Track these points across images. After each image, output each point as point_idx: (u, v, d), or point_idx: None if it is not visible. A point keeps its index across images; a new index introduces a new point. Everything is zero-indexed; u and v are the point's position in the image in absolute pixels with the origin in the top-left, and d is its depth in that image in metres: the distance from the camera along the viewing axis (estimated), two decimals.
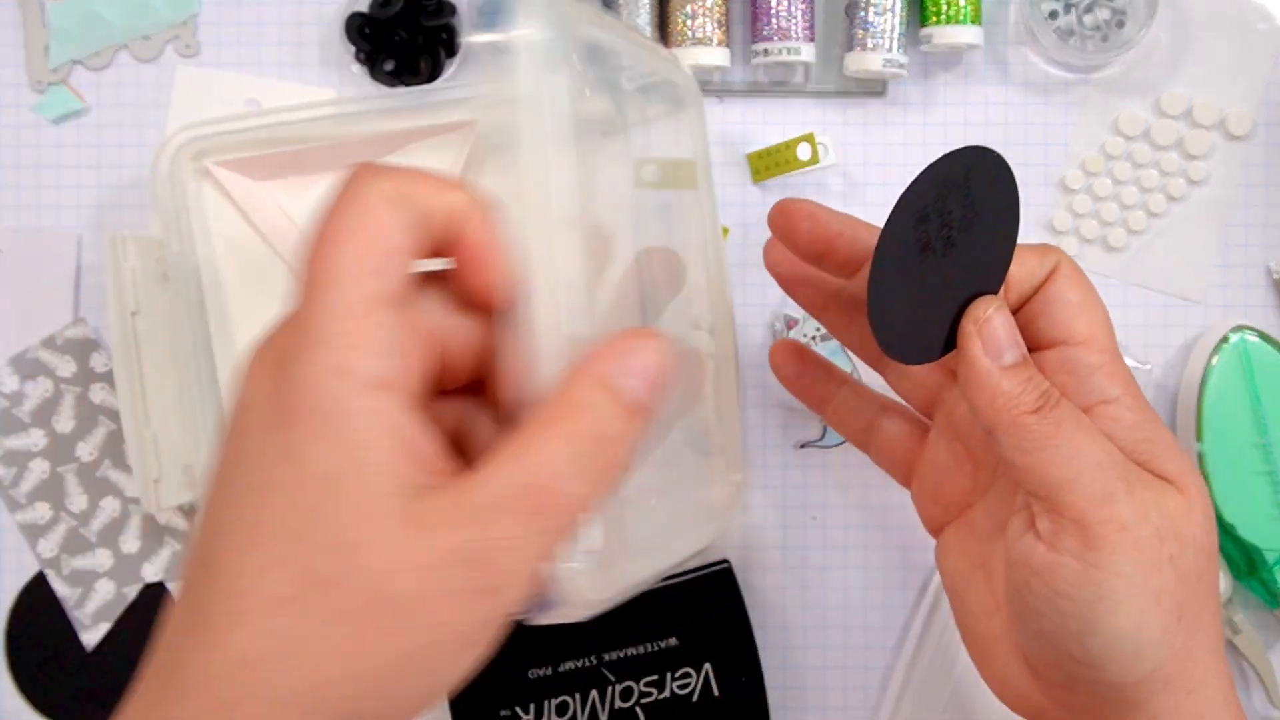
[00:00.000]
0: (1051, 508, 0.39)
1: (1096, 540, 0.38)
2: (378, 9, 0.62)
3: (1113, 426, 0.40)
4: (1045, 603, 0.39)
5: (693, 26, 0.61)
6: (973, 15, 0.62)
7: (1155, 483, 0.40)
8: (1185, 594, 0.39)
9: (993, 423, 0.40)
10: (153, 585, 0.64)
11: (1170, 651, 0.39)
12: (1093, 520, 0.38)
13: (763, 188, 0.64)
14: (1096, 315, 0.42)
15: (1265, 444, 0.61)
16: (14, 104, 0.64)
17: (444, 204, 0.33)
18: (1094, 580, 0.38)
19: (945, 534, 0.46)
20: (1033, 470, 0.39)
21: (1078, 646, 0.39)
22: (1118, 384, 0.41)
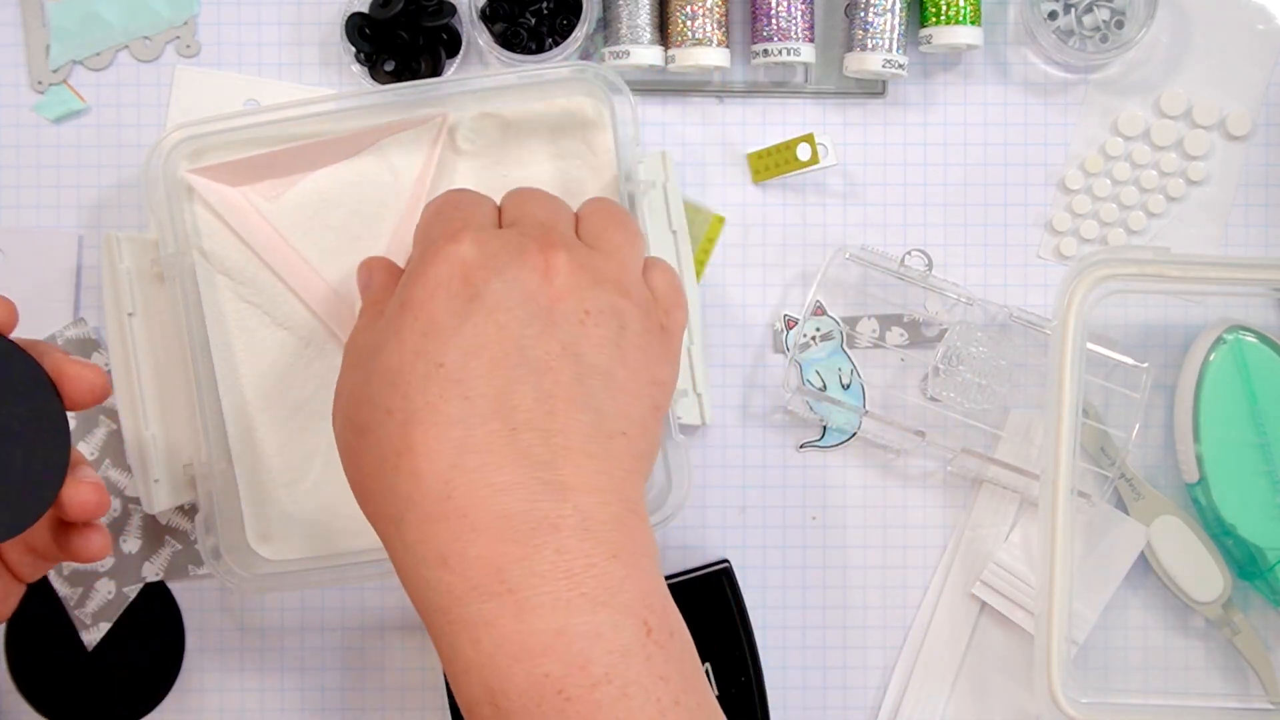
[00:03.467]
0: None
1: None
2: (378, 9, 0.62)
3: None
4: None
5: (693, 26, 0.61)
6: (972, 15, 0.62)
7: None
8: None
9: None
10: (153, 585, 0.64)
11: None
12: None
13: (763, 188, 0.64)
14: None
15: (1263, 443, 0.61)
16: (14, 104, 0.64)
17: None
18: None
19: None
20: None
21: None
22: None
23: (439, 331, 0.43)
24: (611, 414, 0.44)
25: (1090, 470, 0.62)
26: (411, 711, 0.64)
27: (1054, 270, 0.64)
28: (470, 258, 0.44)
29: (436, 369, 0.42)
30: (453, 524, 0.41)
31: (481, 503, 0.41)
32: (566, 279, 0.44)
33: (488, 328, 0.43)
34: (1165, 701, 0.63)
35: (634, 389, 0.45)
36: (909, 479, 0.64)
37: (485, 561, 0.41)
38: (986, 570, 0.63)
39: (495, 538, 0.41)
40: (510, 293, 0.43)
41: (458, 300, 0.43)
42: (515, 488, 0.41)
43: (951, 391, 0.62)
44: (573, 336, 0.44)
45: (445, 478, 0.41)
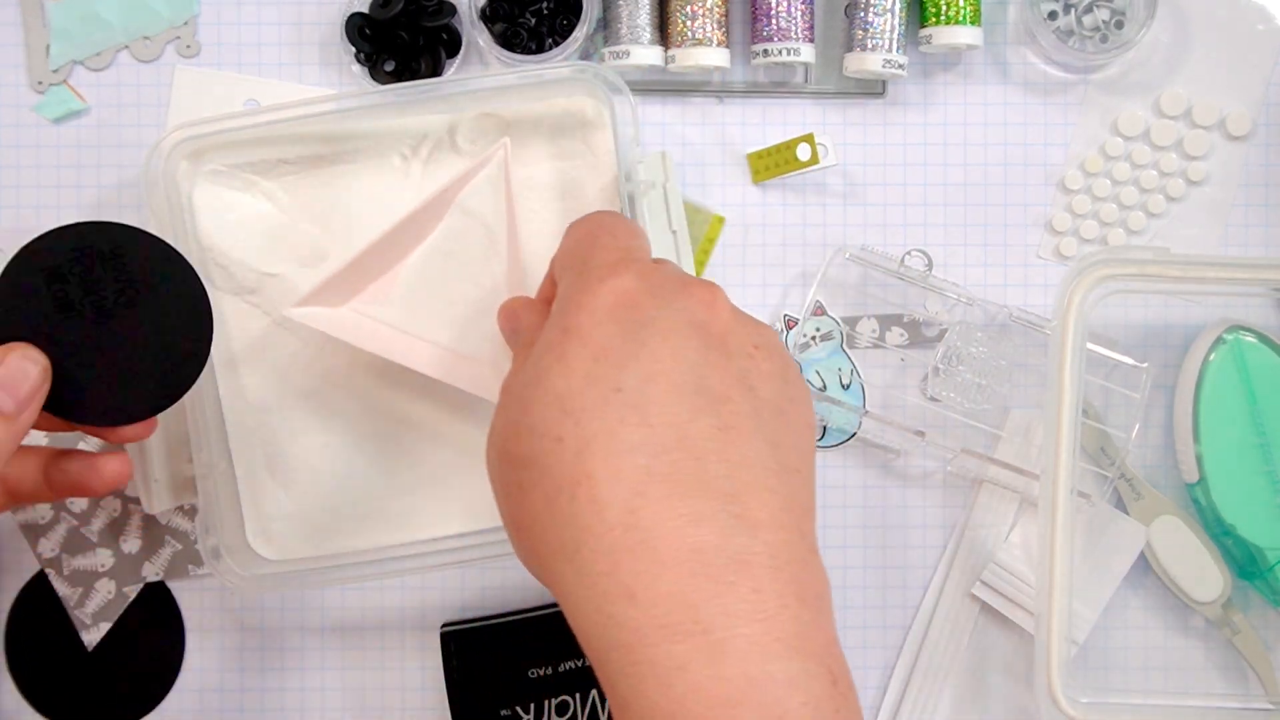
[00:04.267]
0: None
1: None
2: (378, 9, 0.62)
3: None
4: None
5: (693, 27, 0.61)
6: (972, 16, 0.62)
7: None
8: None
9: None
10: (153, 585, 0.64)
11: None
12: None
13: (763, 188, 0.64)
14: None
15: (1263, 444, 0.61)
16: (14, 104, 0.64)
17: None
18: None
19: None
20: None
21: None
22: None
23: (612, 356, 0.40)
24: (786, 449, 0.41)
25: (1090, 470, 0.63)
26: (411, 712, 0.64)
27: (1054, 270, 0.64)
28: (635, 288, 0.42)
29: (614, 393, 0.40)
30: (639, 555, 0.38)
31: (671, 534, 0.38)
32: (731, 314, 0.43)
33: (664, 353, 0.41)
34: (1165, 701, 0.63)
35: (800, 426, 0.43)
36: (909, 479, 0.64)
37: (677, 598, 0.37)
38: (986, 570, 0.63)
39: (687, 572, 0.38)
40: (682, 321, 0.42)
41: (629, 326, 0.41)
42: (706, 519, 0.38)
43: (951, 391, 0.62)
44: (745, 369, 0.42)
45: (630, 506, 0.38)
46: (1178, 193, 0.64)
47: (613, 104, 0.58)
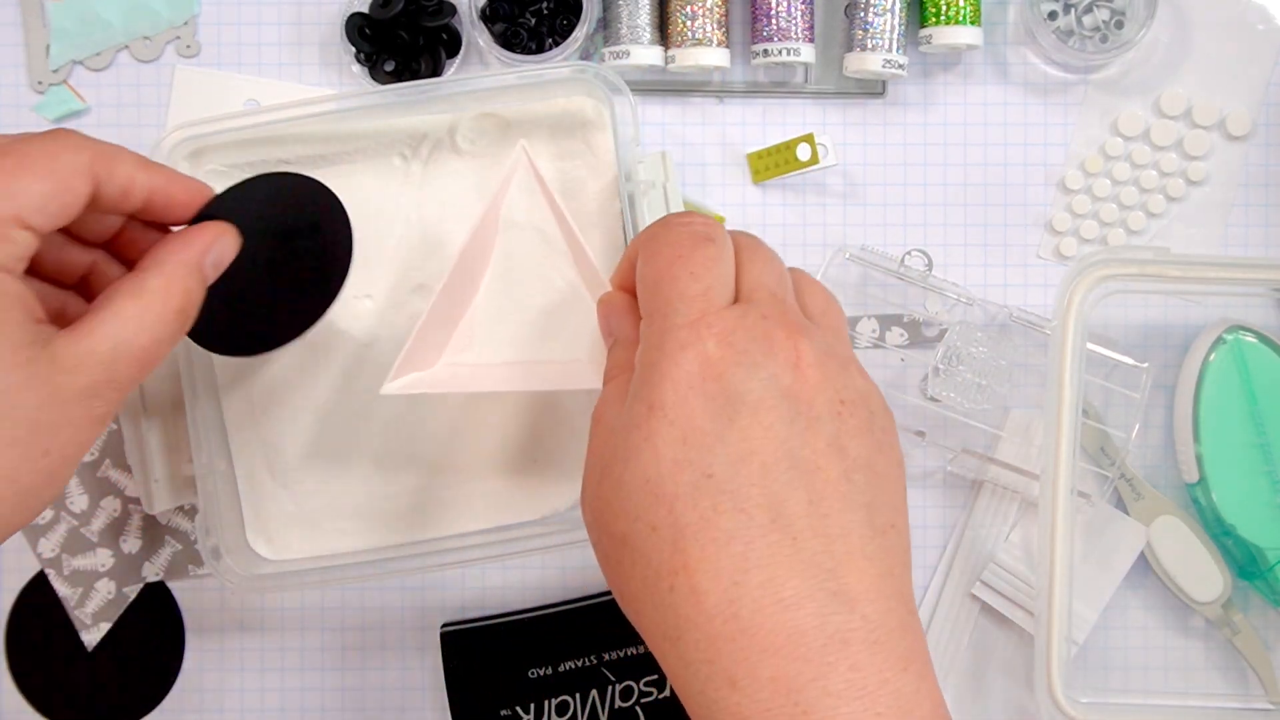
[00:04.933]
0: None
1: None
2: (378, 9, 0.62)
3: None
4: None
5: (693, 27, 0.61)
6: (972, 16, 0.62)
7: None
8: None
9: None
10: (153, 585, 0.64)
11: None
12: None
13: (763, 188, 0.64)
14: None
15: (1263, 443, 0.61)
16: (14, 104, 0.64)
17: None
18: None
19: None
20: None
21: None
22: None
23: (701, 439, 0.40)
24: (879, 507, 0.41)
25: (1090, 470, 0.63)
26: (411, 712, 0.64)
27: (1054, 270, 0.64)
28: (718, 355, 0.41)
29: (705, 480, 0.39)
30: (740, 644, 0.38)
31: (770, 620, 0.38)
32: (817, 370, 0.41)
33: (753, 431, 0.40)
34: (1165, 701, 0.63)
35: (891, 475, 0.42)
36: (909, 479, 0.64)
37: (778, 683, 0.38)
38: (986, 570, 0.63)
39: (786, 656, 0.38)
40: (769, 391, 0.40)
41: (715, 403, 0.40)
42: (804, 601, 0.38)
43: (951, 391, 0.62)
44: (834, 431, 0.41)
45: (729, 596, 0.38)
46: (1178, 193, 0.64)
47: (613, 104, 0.58)
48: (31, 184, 0.42)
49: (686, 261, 0.43)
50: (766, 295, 0.43)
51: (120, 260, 0.50)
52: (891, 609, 0.39)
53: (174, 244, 0.47)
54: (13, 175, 0.42)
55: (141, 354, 0.45)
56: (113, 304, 0.44)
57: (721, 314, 0.42)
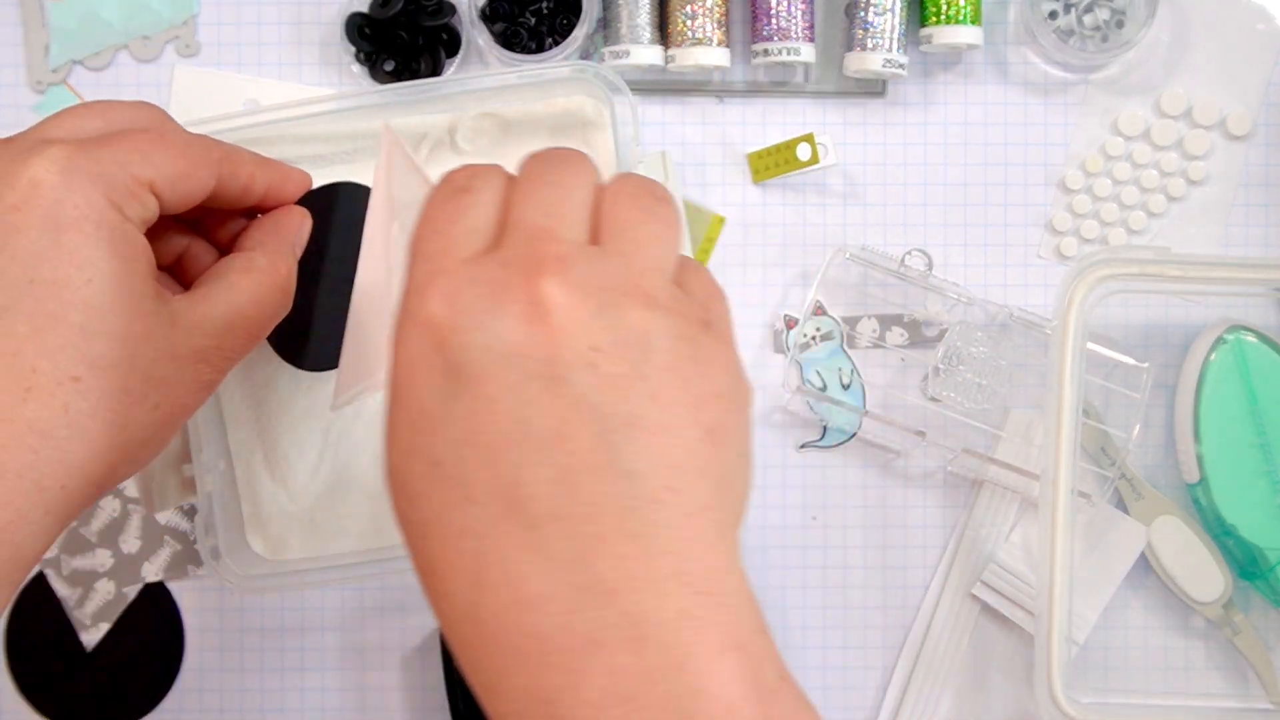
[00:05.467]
0: None
1: None
2: (378, 9, 0.62)
3: None
4: None
5: (693, 26, 0.61)
6: (973, 15, 0.62)
7: None
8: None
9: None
10: (152, 585, 0.64)
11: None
12: None
13: (763, 188, 0.64)
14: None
15: (1264, 443, 0.61)
16: (14, 104, 0.64)
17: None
18: None
19: None
20: None
21: None
22: None
23: (426, 423, 0.35)
24: (648, 471, 0.34)
25: (1090, 470, 0.62)
26: (412, 712, 0.64)
27: (1054, 270, 0.64)
28: (441, 317, 0.35)
29: (433, 469, 0.35)
30: (489, 651, 0.34)
31: (513, 624, 0.34)
32: (564, 313, 0.34)
33: (476, 406, 0.34)
34: (1165, 701, 0.63)
35: (675, 425, 0.35)
36: (909, 479, 0.64)
37: (530, 693, 0.34)
38: (986, 570, 0.63)
39: (536, 664, 0.33)
40: (493, 354, 0.34)
41: (437, 378, 0.35)
42: (545, 601, 0.33)
43: (951, 391, 0.62)
44: (584, 386, 0.34)
45: (470, 599, 0.34)
46: (1178, 192, 0.64)
47: (613, 104, 0.58)
48: (168, 159, 0.44)
49: (433, 220, 0.38)
50: (520, 235, 0.37)
51: (209, 242, 0.52)
52: (665, 594, 0.34)
53: (272, 226, 0.51)
54: (152, 146, 0.44)
55: (251, 324, 0.48)
56: (226, 277, 0.48)
57: (454, 269, 0.36)
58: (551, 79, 0.59)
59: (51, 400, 0.41)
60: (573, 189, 0.38)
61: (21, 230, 0.41)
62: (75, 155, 0.42)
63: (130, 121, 0.46)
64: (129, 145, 0.43)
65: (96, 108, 0.45)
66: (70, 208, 0.41)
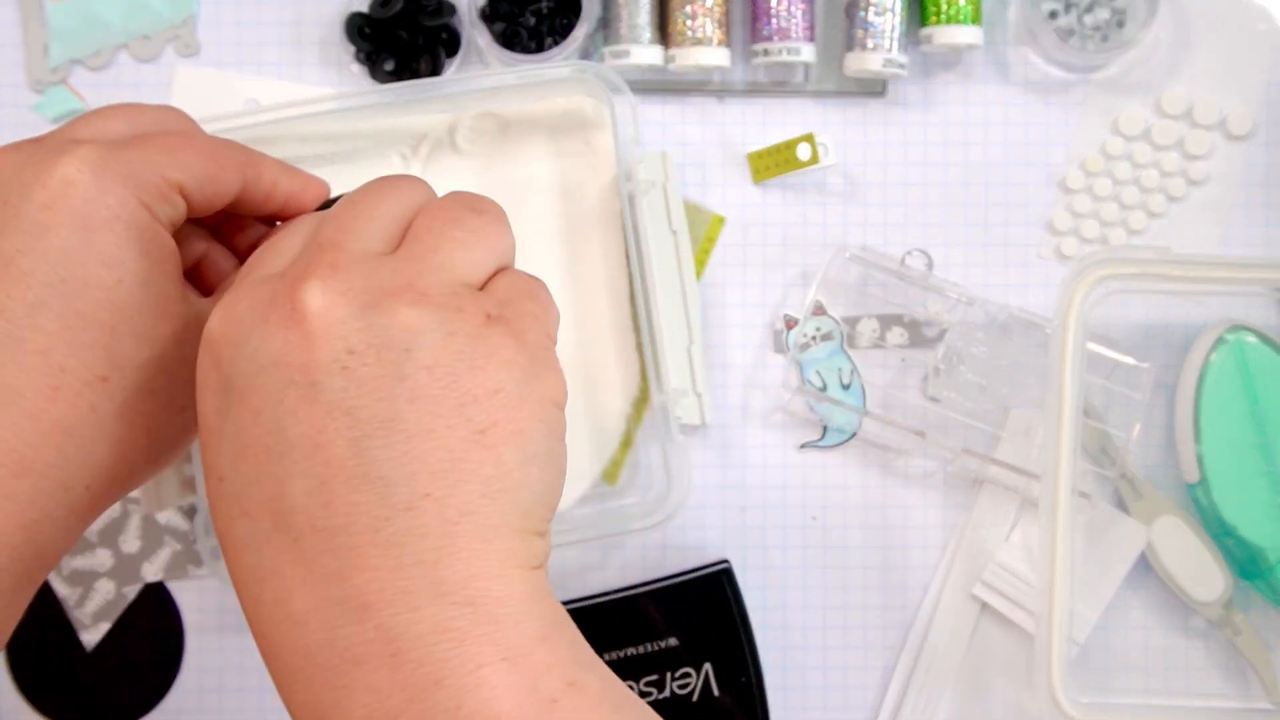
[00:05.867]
0: None
1: None
2: (378, 9, 0.62)
3: None
4: None
5: (693, 26, 0.61)
6: (973, 15, 0.62)
7: None
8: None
9: None
10: (153, 585, 0.64)
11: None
12: None
13: (763, 188, 0.64)
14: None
15: (1264, 443, 0.61)
16: (14, 104, 0.64)
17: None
18: None
19: None
20: None
21: None
22: None
23: (209, 439, 0.36)
24: (403, 477, 0.33)
25: (1090, 470, 0.62)
26: None
27: (1054, 270, 0.64)
28: (217, 333, 0.36)
29: (218, 484, 0.36)
30: (273, 666, 0.35)
31: (286, 640, 0.34)
32: (320, 317, 0.34)
33: (243, 419, 0.35)
34: (1165, 701, 0.63)
35: (436, 426, 0.34)
36: (909, 479, 0.64)
37: (307, 710, 0.35)
38: (987, 570, 0.63)
39: (308, 680, 0.34)
40: (257, 364, 0.35)
41: (216, 394, 0.36)
42: (310, 615, 0.34)
43: (951, 391, 0.62)
44: (338, 392, 0.34)
45: (252, 615, 0.35)
46: (1178, 192, 0.64)
47: (613, 104, 0.58)
48: (197, 161, 0.43)
49: (258, 251, 0.41)
50: (309, 250, 0.37)
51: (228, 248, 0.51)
52: (418, 608, 0.33)
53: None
54: (182, 148, 0.43)
55: None
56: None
57: (238, 285, 0.37)
58: (551, 79, 0.59)
59: (79, 400, 0.40)
60: (380, 206, 0.39)
61: (52, 229, 0.40)
62: (107, 155, 0.41)
63: (157, 124, 0.45)
64: (159, 147, 0.43)
65: (123, 110, 0.45)
66: (101, 208, 0.41)
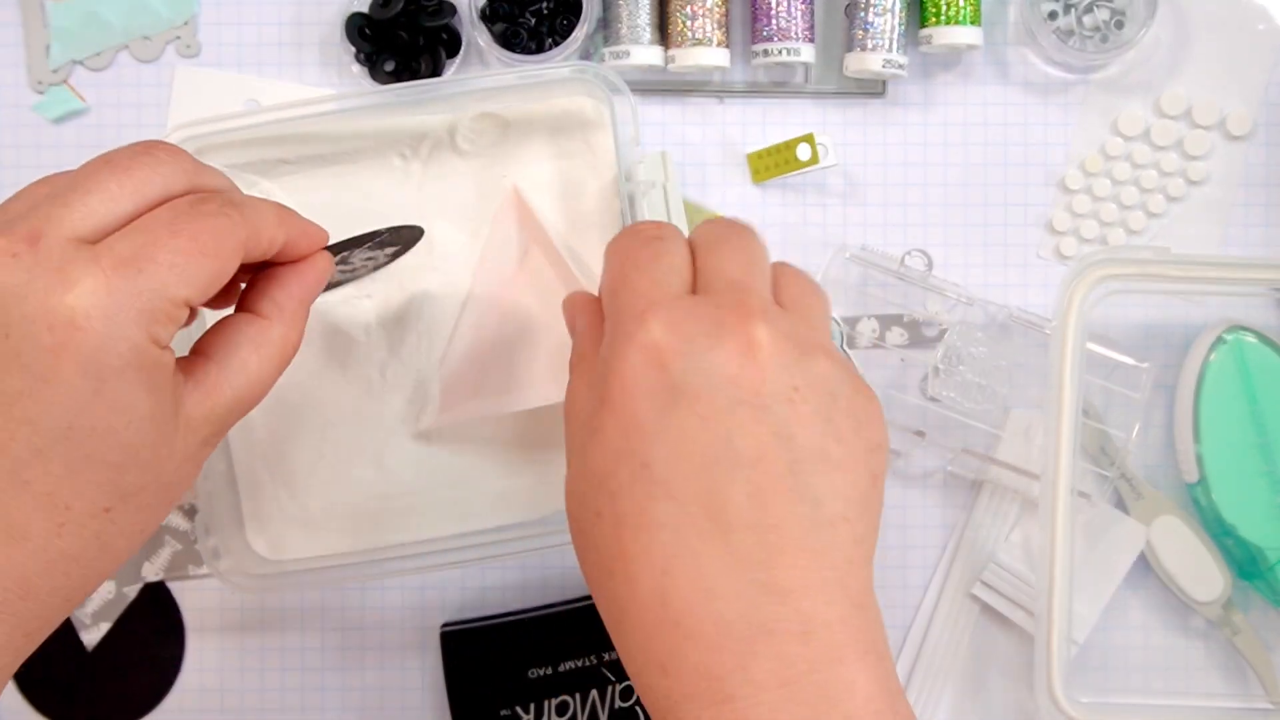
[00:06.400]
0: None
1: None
2: (378, 9, 0.62)
3: None
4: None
5: (693, 27, 0.61)
6: (972, 15, 0.62)
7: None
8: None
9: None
10: (153, 585, 0.64)
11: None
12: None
13: (763, 188, 0.64)
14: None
15: (1263, 443, 0.61)
16: (14, 104, 0.64)
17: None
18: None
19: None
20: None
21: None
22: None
23: (641, 431, 0.40)
24: (829, 498, 0.41)
25: (1090, 470, 0.63)
26: (412, 712, 0.64)
27: (1054, 270, 0.64)
28: (664, 343, 0.41)
29: (642, 470, 0.40)
30: (668, 631, 0.39)
31: (696, 609, 0.39)
32: (770, 355, 0.41)
33: (690, 422, 0.40)
34: (1165, 701, 0.63)
35: (849, 465, 0.41)
36: (909, 479, 0.64)
37: (702, 670, 0.39)
38: (986, 570, 0.63)
39: (710, 645, 0.39)
40: (711, 380, 0.40)
41: (657, 393, 0.40)
42: (730, 593, 0.39)
43: (951, 391, 0.62)
44: (782, 419, 0.40)
45: (659, 585, 0.39)
46: (1178, 192, 0.64)
47: (613, 104, 0.58)
48: (202, 267, 0.42)
49: (634, 259, 0.44)
50: (725, 283, 0.43)
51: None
52: (831, 602, 0.40)
53: (291, 284, 0.48)
54: (188, 257, 0.42)
55: (254, 402, 0.47)
56: (238, 354, 0.46)
57: (671, 303, 0.42)
58: (551, 79, 0.59)
59: (83, 531, 0.42)
60: (759, 256, 0.45)
61: (61, 376, 0.40)
62: (115, 290, 0.40)
63: (163, 190, 0.43)
64: (165, 264, 0.41)
65: (126, 183, 0.43)
66: (114, 356, 0.40)
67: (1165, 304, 0.64)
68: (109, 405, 0.40)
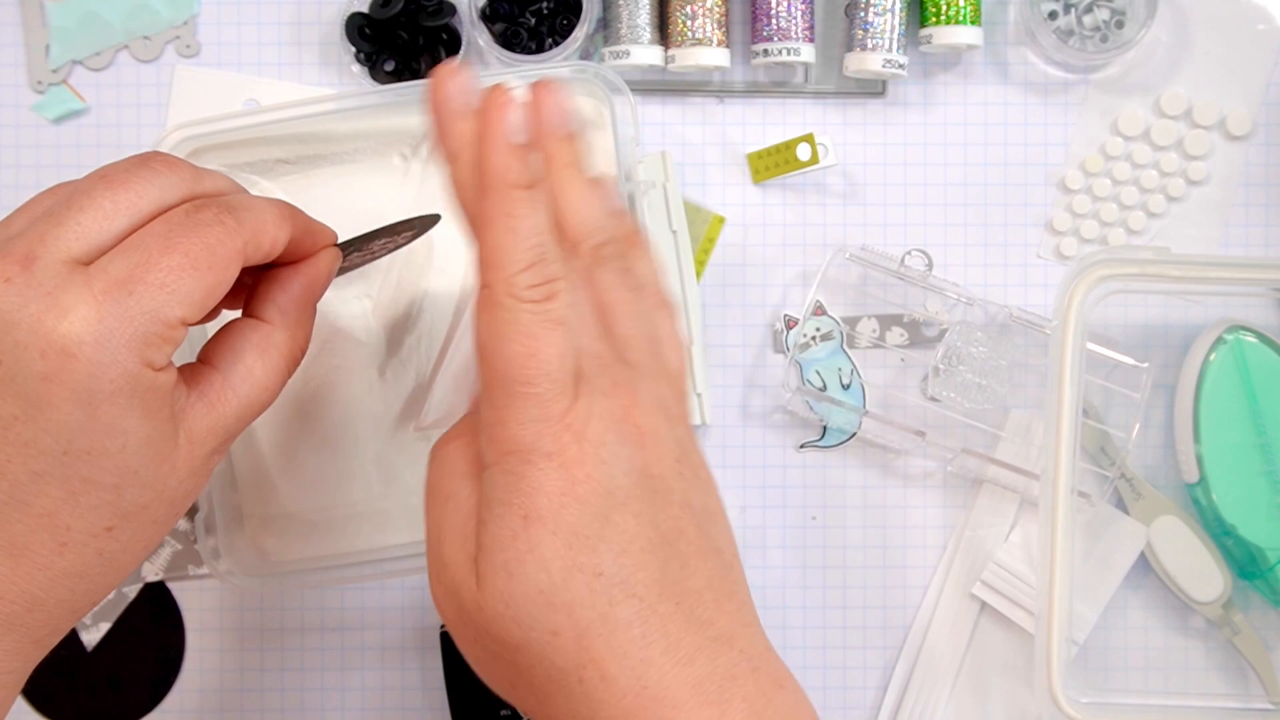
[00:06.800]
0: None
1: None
2: (378, 9, 0.62)
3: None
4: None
5: (693, 27, 0.61)
6: (972, 15, 0.62)
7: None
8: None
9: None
10: (153, 585, 0.64)
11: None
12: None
13: (763, 188, 0.64)
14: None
15: (1263, 443, 0.61)
16: (14, 104, 0.64)
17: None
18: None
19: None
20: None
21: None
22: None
23: (584, 543, 0.40)
24: (724, 545, 0.44)
25: (1090, 470, 0.63)
26: (412, 712, 0.64)
27: (1054, 270, 0.64)
28: (581, 455, 0.41)
29: (597, 579, 0.40)
30: (651, 708, 0.40)
31: (676, 681, 0.41)
32: (654, 435, 0.42)
33: (627, 523, 0.41)
34: (1165, 701, 0.63)
35: (718, 508, 0.45)
36: (909, 479, 0.64)
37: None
38: (986, 570, 0.63)
39: (694, 705, 0.41)
40: (631, 477, 0.41)
41: (590, 505, 0.41)
42: (697, 655, 0.41)
43: (951, 391, 0.62)
44: (681, 492, 0.43)
45: (637, 673, 0.40)
46: (1178, 193, 0.64)
47: (613, 104, 0.58)
48: (197, 283, 0.42)
49: (526, 375, 0.41)
50: (597, 365, 0.42)
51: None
52: (757, 634, 0.43)
53: (292, 286, 0.48)
54: (180, 275, 0.41)
55: (260, 408, 0.47)
56: (243, 361, 0.46)
57: (571, 410, 0.41)
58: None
59: (85, 550, 0.42)
60: (626, 318, 0.45)
61: (54, 403, 0.40)
62: (107, 317, 0.40)
63: (159, 202, 0.43)
64: (158, 284, 0.41)
65: (120, 198, 0.42)
66: (106, 383, 0.40)
67: (1165, 304, 0.64)
68: (103, 430, 0.41)
